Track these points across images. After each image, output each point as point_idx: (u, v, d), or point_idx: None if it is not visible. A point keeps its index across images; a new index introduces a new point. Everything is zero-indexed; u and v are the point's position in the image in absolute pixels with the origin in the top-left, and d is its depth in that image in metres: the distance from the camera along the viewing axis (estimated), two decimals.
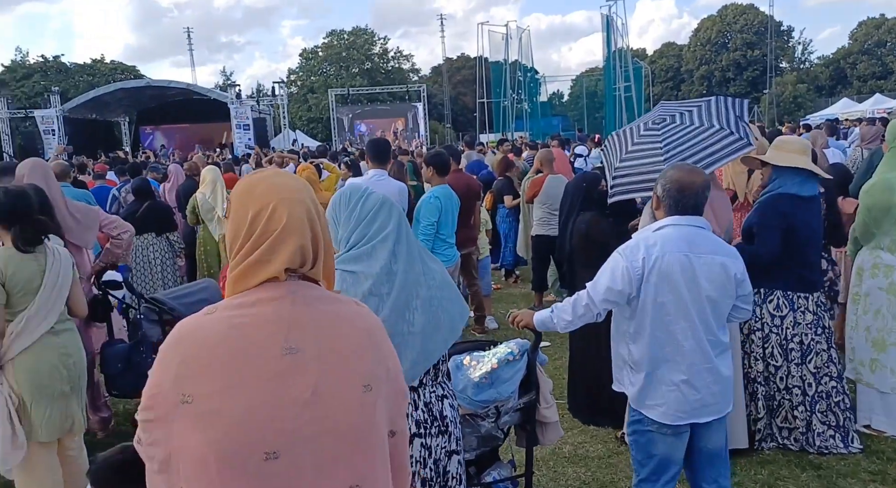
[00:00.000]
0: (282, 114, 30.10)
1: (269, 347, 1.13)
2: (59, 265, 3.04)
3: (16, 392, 2.91)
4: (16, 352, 2.92)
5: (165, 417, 1.13)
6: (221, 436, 1.09)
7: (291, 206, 1.19)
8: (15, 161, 5.30)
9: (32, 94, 36.51)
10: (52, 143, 25.36)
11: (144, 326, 4.14)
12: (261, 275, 1.17)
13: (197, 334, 1.15)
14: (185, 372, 1.12)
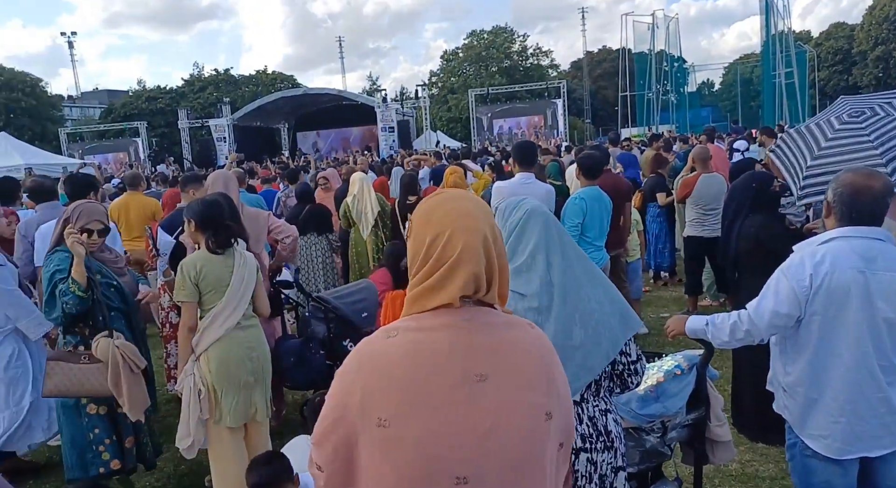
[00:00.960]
0: (424, 115, 31.00)
1: (448, 374, 1.15)
2: (245, 266, 3.34)
3: (207, 381, 3.27)
4: (206, 345, 3.26)
5: (347, 441, 1.17)
6: (408, 461, 1.12)
7: (467, 235, 1.20)
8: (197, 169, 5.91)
9: (207, 104, 40.45)
10: (223, 149, 28.02)
11: (312, 324, 4.46)
12: (435, 301, 1.20)
13: (379, 358, 1.19)
14: (369, 397, 1.15)
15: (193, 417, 3.17)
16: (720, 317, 2.35)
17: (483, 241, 1.21)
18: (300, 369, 4.22)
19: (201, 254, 3.26)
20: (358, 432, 1.16)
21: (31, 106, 42.05)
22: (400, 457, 1.13)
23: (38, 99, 43.20)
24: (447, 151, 17.45)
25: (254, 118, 30.68)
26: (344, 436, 1.18)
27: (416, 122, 33.19)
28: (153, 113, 40.65)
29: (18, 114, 41.32)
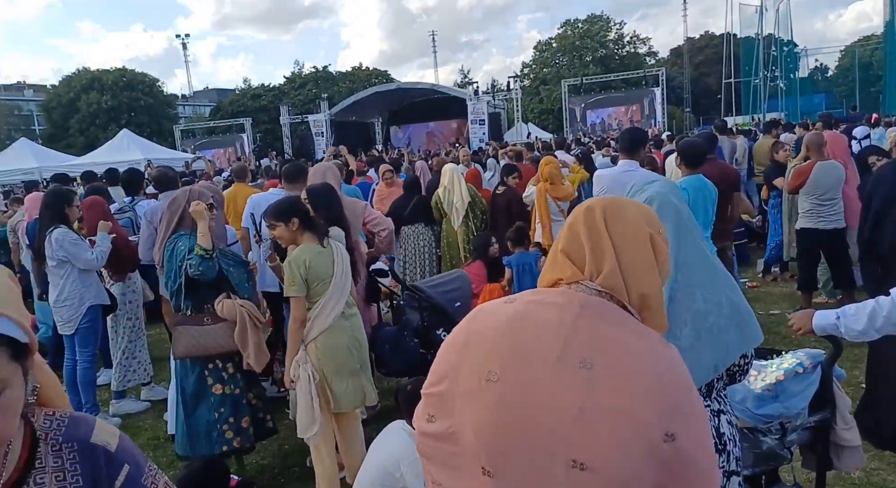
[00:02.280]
0: (515, 107, 30.75)
1: (551, 347, 1.12)
2: (342, 256, 3.43)
3: (318, 369, 3.36)
4: (315, 335, 3.36)
5: (450, 393, 1.17)
6: (500, 418, 1.10)
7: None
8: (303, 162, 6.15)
9: (307, 100, 42.00)
10: (321, 144, 29.00)
11: (407, 312, 4.52)
12: (555, 274, 1.21)
13: (491, 315, 1.20)
14: (475, 347, 1.16)
15: (316, 405, 3.27)
16: (852, 307, 2.12)
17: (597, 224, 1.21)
18: (395, 356, 4.28)
19: (306, 249, 3.34)
20: (450, 376, 1.18)
21: (150, 104, 45.27)
22: (485, 410, 1.12)
23: (156, 98, 46.45)
24: (539, 143, 17.23)
25: (350, 113, 31.53)
26: (447, 389, 1.19)
27: (507, 115, 32.97)
28: (257, 110, 42.64)
29: (138, 112, 44.57)
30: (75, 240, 4.40)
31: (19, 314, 0.88)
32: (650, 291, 1.19)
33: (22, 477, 0.95)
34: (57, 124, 45.00)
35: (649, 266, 1.19)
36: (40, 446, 0.98)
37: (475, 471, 1.11)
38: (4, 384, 0.83)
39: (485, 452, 1.10)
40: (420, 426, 1.24)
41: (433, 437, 1.20)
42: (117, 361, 4.95)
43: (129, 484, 1.04)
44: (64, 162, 19.50)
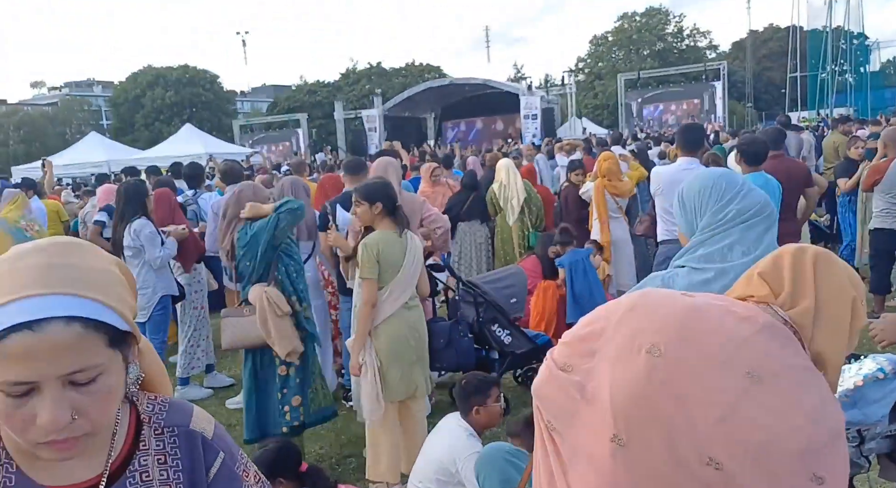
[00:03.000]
0: (569, 102, 30.38)
1: (711, 348, 1.07)
2: (414, 248, 3.46)
3: (379, 355, 3.41)
4: (379, 321, 3.41)
5: (598, 350, 1.13)
6: (634, 390, 1.06)
7: None
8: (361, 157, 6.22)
9: (361, 96, 42.53)
10: (373, 139, 29.30)
11: (462, 307, 4.53)
12: (746, 291, 1.19)
13: (661, 299, 1.14)
14: (634, 319, 1.11)
15: (379, 389, 3.33)
16: None
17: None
18: (449, 351, 4.30)
19: (381, 234, 3.40)
20: (606, 334, 1.13)
21: (210, 100, 46.72)
22: (632, 380, 1.07)
23: (216, 94, 47.90)
24: (595, 138, 16.97)
25: (402, 108, 31.72)
26: (592, 332, 1.15)
27: (561, 110, 32.58)
28: (312, 105, 43.39)
29: (199, 107, 46.06)
30: (152, 233, 4.59)
31: (120, 302, 0.90)
32: (833, 351, 1.14)
33: (128, 458, 0.98)
34: (123, 119, 46.95)
35: (843, 327, 1.13)
36: (144, 429, 1.01)
37: (602, 435, 1.08)
38: (100, 370, 0.86)
39: (619, 420, 1.06)
40: (552, 371, 1.18)
41: (563, 386, 1.16)
42: (182, 349, 5.13)
43: (224, 471, 1.07)
44: (131, 155, 20.31)
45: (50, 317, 0.81)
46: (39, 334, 0.80)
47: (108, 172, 14.92)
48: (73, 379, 0.84)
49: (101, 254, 0.94)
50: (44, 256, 0.86)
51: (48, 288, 0.83)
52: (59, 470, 0.92)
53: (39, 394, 0.82)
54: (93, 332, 0.84)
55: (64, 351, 0.82)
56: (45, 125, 52.05)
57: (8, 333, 0.80)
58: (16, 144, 48.72)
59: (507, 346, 4.45)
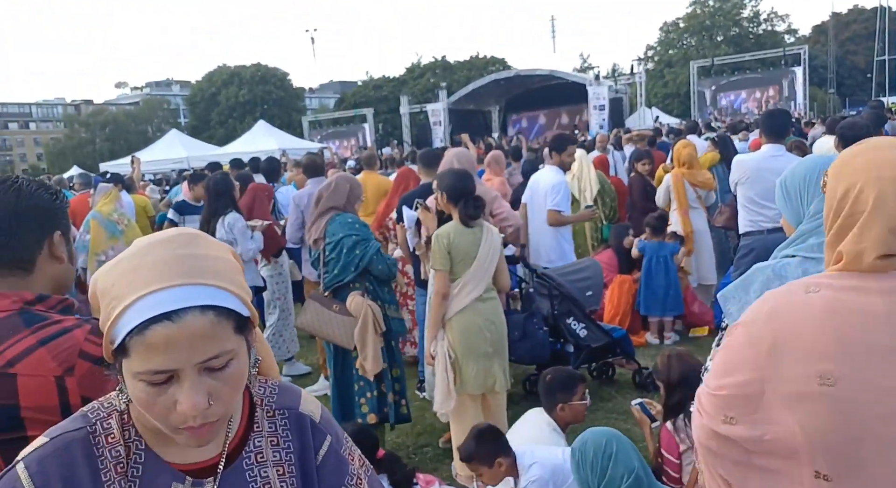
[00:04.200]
0: (638, 91, 29.59)
1: (884, 338, 1.03)
2: (490, 240, 3.44)
3: (453, 348, 3.44)
4: (452, 314, 3.43)
5: (764, 397, 1.09)
6: (830, 419, 1.02)
7: (882, 186, 1.06)
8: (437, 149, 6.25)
9: (425, 90, 42.79)
10: (438, 133, 29.42)
11: (536, 299, 4.50)
12: (852, 263, 1.09)
13: (798, 311, 1.09)
14: (784, 347, 1.07)
15: (451, 381, 3.36)
16: None
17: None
18: (524, 343, 4.28)
19: (453, 226, 3.42)
20: (764, 380, 1.09)
21: (281, 97, 48.12)
22: (820, 414, 1.03)
23: (286, 91, 49.27)
24: (666, 128, 16.49)
25: (467, 101, 31.69)
26: (744, 382, 1.12)
27: (630, 99, 31.79)
28: (378, 100, 43.95)
29: (271, 104, 47.51)
30: (244, 227, 4.76)
31: (241, 289, 0.93)
32: None
33: (243, 439, 1.03)
34: (200, 117, 48.92)
35: None
36: (257, 411, 1.05)
37: (802, 476, 1.05)
38: (231, 355, 0.89)
39: (823, 457, 1.03)
40: (714, 426, 1.15)
41: (733, 440, 1.12)
42: (265, 337, 5.32)
43: (332, 454, 1.10)
44: (208, 152, 21.13)
45: (187, 307, 0.85)
46: (178, 324, 0.84)
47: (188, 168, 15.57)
48: (209, 366, 0.87)
49: (218, 244, 0.98)
50: (170, 248, 0.89)
51: (181, 279, 0.87)
52: (182, 449, 0.97)
53: (178, 382, 0.86)
54: (224, 320, 0.88)
55: (201, 339, 0.86)
56: (129, 124, 54.90)
57: (149, 325, 0.83)
58: (102, 142, 51.57)
59: (583, 340, 4.40)
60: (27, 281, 1.37)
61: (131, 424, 0.97)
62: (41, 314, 1.33)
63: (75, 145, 52.18)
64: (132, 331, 0.84)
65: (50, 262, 1.40)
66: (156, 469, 0.96)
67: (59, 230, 1.42)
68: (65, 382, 1.26)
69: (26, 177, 1.48)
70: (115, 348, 0.87)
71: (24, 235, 1.36)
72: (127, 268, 0.88)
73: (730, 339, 1.18)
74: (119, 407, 0.96)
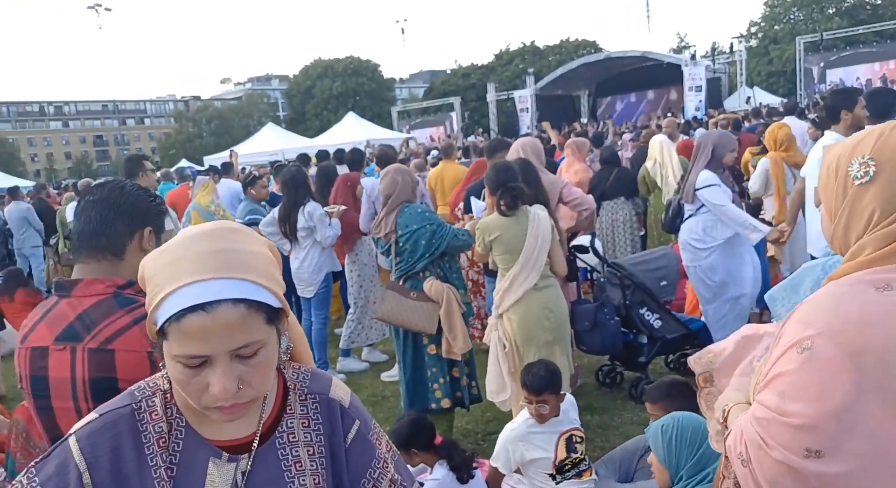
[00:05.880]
0: (738, 71, 28.01)
1: None
2: (537, 227, 3.46)
3: (510, 337, 3.49)
4: (507, 306, 3.48)
5: (852, 419, 0.99)
6: None
7: None
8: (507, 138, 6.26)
9: (513, 76, 42.43)
10: (525, 120, 29.17)
11: (608, 289, 4.44)
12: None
13: (890, 315, 1.00)
14: (891, 361, 0.97)
15: (504, 371, 3.42)
16: None
17: None
18: (594, 334, 4.24)
19: (494, 217, 3.50)
20: (872, 397, 0.98)
21: (372, 89, 49.26)
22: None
23: (377, 82, 50.37)
24: (766, 109, 15.57)
25: (555, 87, 31.17)
26: (842, 405, 0.99)
27: (729, 79, 30.15)
28: (466, 88, 44.02)
29: (362, 96, 48.73)
30: (323, 214, 4.98)
31: (275, 283, 1.01)
32: None
33: (276, 420, 1.11)
34: (297, 110, 50.91)
35: None
36: (290, 395, 1.14)
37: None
38: (261, 344, 0.97)
39: None
40: (792, 461, 1.02)
41: (815, 477, 1.01)
42: (345, 323, 5.54)
43: (360, 438, 1.17)
44: (301, 143, 21.99)
45: (220, 300, 0.93)
46: (212, 314, 0.92)
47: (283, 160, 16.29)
48: (240, 353, 0.95)
49: (256, 238, 1.05)
50: (210, 242, 0.97)
51: (217, 272, 0.94)
52: (220, 427, 1.06)
53: (211, 366, 0.95)
54: (255, 312, 0.96)
55: (232, 329, 0.93)
56: (232, 118, 57.92)
57: (185, 314, 0.92)
58: (208, 136, 54.71)
59: (657, 331, 4.31)
60: (117, 267, 1.58)
61: (173, 403, 1.06)
62: (132, 297, 1.52)
63: (184, 139, 55.68)
64: (170, 318, 0.93)
65: (138, 253, 1.58)
66: (195, 444, 1.05)
67: (151, 227, 1.63)
68: (154, 358, 1.43)
69: (131, 182, 1.73)
70: (157, 330, 0.97)
71: (118, 226, 1.58)
72: (170, 259, 0.97)
73: (809, 355, 1.01)
74: (163, 387, 1.07)
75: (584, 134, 13.11)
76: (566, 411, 2.95)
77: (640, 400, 4.18)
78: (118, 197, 1.61)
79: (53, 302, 1.56)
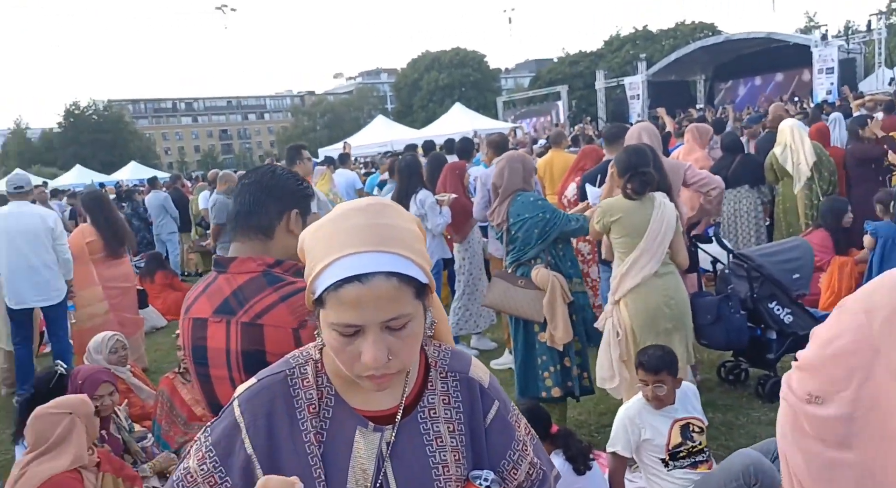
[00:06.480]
0: (876, 51, 25.54)
1: None
2: (663, 214, 3.35)
3: (625, 325, 3.40)
4: (624, 292, 3.39)
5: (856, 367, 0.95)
6: None
7: None
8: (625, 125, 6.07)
9: (623, 63, 41.06)
10: (635, 107, 28.15)
11: (732, 281, 4.21)
12: None
13: None
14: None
15: (615, 358, 3.35)
16: None
17: None
18: (717, 327, 4.03)
19: (618, 199, 3.44)
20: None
21: (477, 80, 49.39)
22: None
23: (482, 73, 50.44)
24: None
25: (669, 72, 29.86)
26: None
27: (865, 60, 27.58)
28: (573, 76, 43.10)
29: (467, 87, 48.99)
30: (433, 203, 5.08)
31: (421, 257, 1.03)
32: None
33: (419, 395, 1.13)
34: (404, 102, 52.00)
35: None
36: (431, 372, 1.15)
37: None
38: (409, 318, 0.99)
39: None
40: (815, 448, 1.01)
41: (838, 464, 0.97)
42: (454, 308, 5.61)
43: (499, 419, 1.16)
44: (408, 135, 22.43)
45: (375, 272, 0.96)
46: (367, 286, 0.95)
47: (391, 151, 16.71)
48: (390, 325, 0.98)
49: (405, 214, 1.07)
50: (364, 217, 1.01)
51: (372, 246, 0.97)
52: (366, 398, 1.09)
53: (364, 336, 0.98)
54: (405, 285, 0.98)
55: (385, 301, 0.96)
56: (344, 111, 60.13)
57: (343, 284, 0.95)
58: (321, 129, 57.13)
59: (789, 327, 4.03)
60: (267, 246, 1.67)
61: (324, 372, 1.11)
62: (280, 275, 1.61)
63: (300, 133, 58.40)
64: (328, 287, 0.97)
65: (286, 234, 1.69)
66: (343, 412, 1.09)
67: (298, 209, 1.71)
68: (299, 334, 1.52)
69: (282, 166, 1.86)
70: (315, 299, 1.01)
71: (269, 208, 1.68)
72: (328, 232, 1.01)
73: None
74: (314, 357, 1.12)
75: (702, 120, 12.47)
76: (683, 400, 2.84)
77: (769, 399, 3.95)
78: (269, 180, 1.70)
79: (213, 277, 1.67)
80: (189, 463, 1.09)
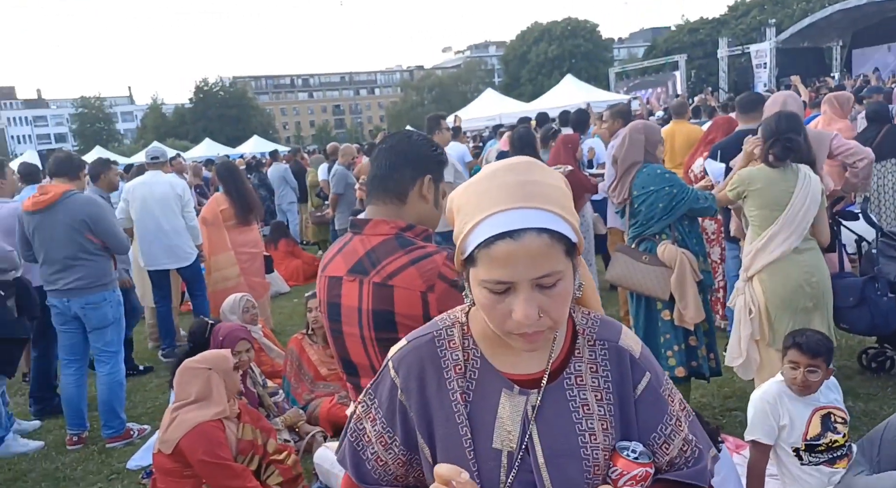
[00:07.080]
0: None
1: None
2: (808, 187, 3.13)
3: (759, 302, 3.22)
4: (760, 267, 3.20)
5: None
6: None
7: None
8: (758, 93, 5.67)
9: (749, 30, 38.34)
10: (761, 77, 26.21)
11: (881, 262, 3.87)
12: None
13: None
14: None
15: (745, 336, 3.19)
16: None
17: None
18: (861, 311, 3.74)
19: (759, 168, 3.26)
20: None
21: (588, 50, 47.91)
22: None
23: (594, 43, 48.85)
24: None
25: (800, 39, 27.54)
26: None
27: None
28: (693, 45, 40.80)
29: (578, 58, 47.66)
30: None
31: (570, 214, 1.00)
32: None
33: (565, 362, 1.12)
34: (512, 75, 51.39)
35: None
36: (578, 339, 1.13)
37: None
38: (560, 276, 0.97)
39: None
40: None
41: None
42: None
43: (650, 391, 1.12)
44: (518, 108, 22.16)
45: (526, 228, 0.95)
46: (519, 242, 0.93)
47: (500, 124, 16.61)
48: (541, 283, 0.96)
49: (551, 172, 1.04)
50: (512, 174, 1.00)
51: (522, 202, 0.96)
52: (512, 361, 1.09)
53: (514, 293, 0.97)
54: (556, 242, 0.96)
55: (536, 257, 0.95)
56: (452, 85, 60.30)
57: (494, 240, 0.94)
58: (429, 104, 57.68)
59: None
60: (400, 210, 1.72)
61: (470, 334, 1.12)
62: (411, 239, 1.66)
63: (409, 107, 59.34)
64: (480, 244, 0.97)
65: (419, 199, 1.72)
66: (489, 374, 1.10)
67: (431, 175, 1.74)
68: (427, 297, 1.56)
69: (418, 131, 1.89)
70: (465, 258, 1.02)
71: (404, 171, 1.71)
72: (477, 190, 1.01)
73: None
74: (461, 320, 1.14)
75: (841, 88, 11.44)
76: (823, 389, 2.65)
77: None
78: (405, 146, 1.73)
79: (349, 237, 1.74)
80: (364, 424, 1.16)
